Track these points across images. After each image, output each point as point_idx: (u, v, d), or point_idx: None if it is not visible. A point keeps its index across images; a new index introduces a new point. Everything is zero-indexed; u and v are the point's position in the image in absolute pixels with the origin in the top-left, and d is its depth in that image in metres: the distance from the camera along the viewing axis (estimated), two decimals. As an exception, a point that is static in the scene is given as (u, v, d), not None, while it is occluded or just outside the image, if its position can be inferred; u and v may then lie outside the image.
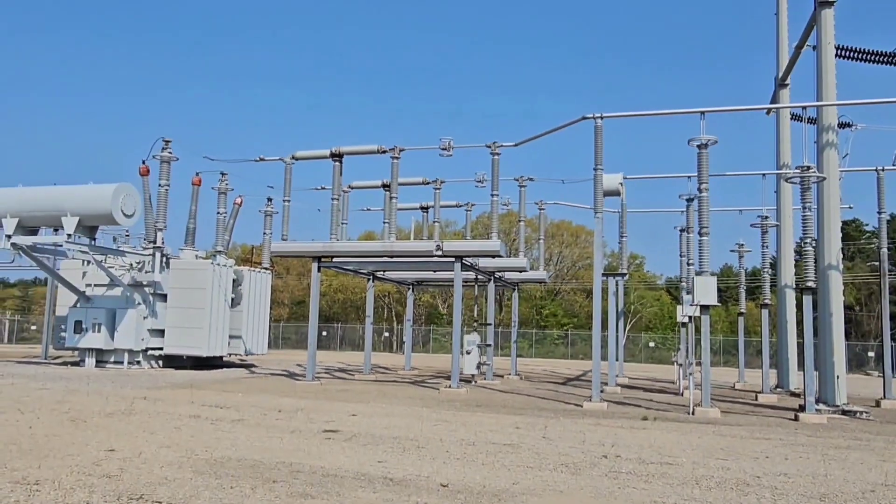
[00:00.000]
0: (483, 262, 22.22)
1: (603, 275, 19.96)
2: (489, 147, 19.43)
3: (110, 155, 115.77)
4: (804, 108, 17.61)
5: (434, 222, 25.17)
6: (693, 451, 9.89)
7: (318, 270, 20.91)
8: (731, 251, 25.27)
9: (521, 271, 23.90)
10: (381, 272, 25.74)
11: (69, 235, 22.68)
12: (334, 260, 21.49)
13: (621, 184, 20.96)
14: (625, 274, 24.30)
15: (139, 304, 24.11)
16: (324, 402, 15.12)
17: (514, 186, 24.58)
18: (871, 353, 49.26)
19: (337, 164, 20.55)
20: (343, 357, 42.71)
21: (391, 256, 20.56)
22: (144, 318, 24.12)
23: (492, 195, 19.55)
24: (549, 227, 57.65)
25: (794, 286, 24.55)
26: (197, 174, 26.32)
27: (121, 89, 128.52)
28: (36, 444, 8.56)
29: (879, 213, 21.51)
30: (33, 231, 24.31)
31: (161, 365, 24.77)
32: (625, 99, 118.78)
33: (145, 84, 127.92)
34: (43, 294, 54.11)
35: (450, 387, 18.55)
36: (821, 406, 15.95)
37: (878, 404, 19.44)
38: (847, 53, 18.49)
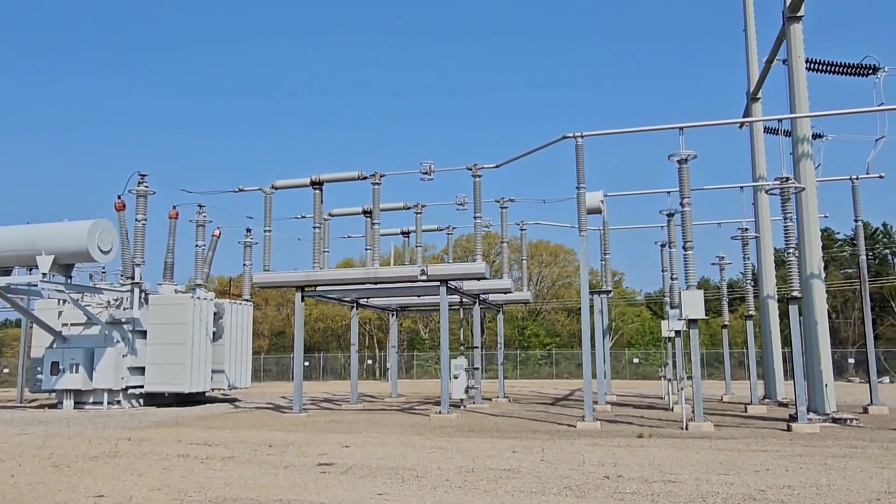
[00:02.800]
0: (468, 285, 22.11)
1: (589, 293, 19.93)
2: (470, 169, 19.42)
3: (85, 191, 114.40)
4: (780, 120, 17.87)
5: (417, 247, 25.08)
6: (694, 468, 9.80)
7: (302, 300, 20.64)
8: (713, 264, 25.44)
9: (505, 292, 23.80)
10: (365, 299, 25.52)
11: (44, 275, 22.18)
12: (318, 289, 21.24)
13: (602, 201, 21.04)
14: (609, 291, 24.31)
15: (118, 341, 23.57)
16: (314, 434, 14.81)
17: (494, 208, 24.60)
18: (850, 360, 49.83)
19: (317, 192, 20.40)
20: (327, 387, 42.16)
21: (375, 283, 20.37)
22: (124, 356, 23.56)
23: (475, 217, 19.51)
24: (529, 247, 57.81)
25: (777, 297, 24.75)
26: (174, 207, 26.01)
27: (94, 123, 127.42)
28: (20, 494, 8.22)
29: (856, 220, 21.79)
30: (7, 272, 23.76)
31: (142, 403, 24.18)
32: (589, 106, 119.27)
33: (119, 117, 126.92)
34: (14, 336, 52.79)
35: (440, 412, 18.32)
36: (812, 415, 15.98)
37: (865, 411, 19.56)
38: (817, 66, 18.85)
